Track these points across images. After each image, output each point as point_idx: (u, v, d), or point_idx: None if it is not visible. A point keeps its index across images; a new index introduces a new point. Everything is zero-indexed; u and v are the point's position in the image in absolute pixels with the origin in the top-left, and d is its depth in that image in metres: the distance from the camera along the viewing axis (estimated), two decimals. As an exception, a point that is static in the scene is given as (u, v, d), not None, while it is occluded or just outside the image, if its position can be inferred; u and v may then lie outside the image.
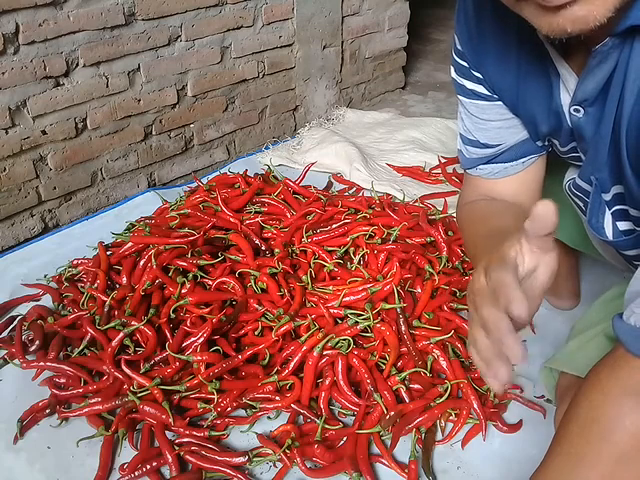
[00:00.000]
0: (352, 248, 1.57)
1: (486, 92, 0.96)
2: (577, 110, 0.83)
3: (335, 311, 1.37)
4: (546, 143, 0.99)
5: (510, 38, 0.87)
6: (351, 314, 1.34)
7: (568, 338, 1.26)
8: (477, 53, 0.94)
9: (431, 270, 1.48)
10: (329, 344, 1.27)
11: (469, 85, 0.98)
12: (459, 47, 0.96)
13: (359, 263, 1.52)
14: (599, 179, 0.84)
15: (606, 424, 0.72)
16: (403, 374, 1.25)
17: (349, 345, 1.28)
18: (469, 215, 1.05)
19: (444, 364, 1.27)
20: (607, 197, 0.85)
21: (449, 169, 2.08)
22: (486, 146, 1.01)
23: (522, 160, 1.01)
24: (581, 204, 0.99)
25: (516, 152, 1.01)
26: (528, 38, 0.84)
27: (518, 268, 0.63)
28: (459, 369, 1.27)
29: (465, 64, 0.96)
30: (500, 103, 0.97)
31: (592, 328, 1.12)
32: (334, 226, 1.62)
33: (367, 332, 1.33)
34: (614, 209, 0.86)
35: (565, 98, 0.85)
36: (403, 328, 1.30)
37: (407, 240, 1.58)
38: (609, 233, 0.87)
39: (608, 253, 1.12)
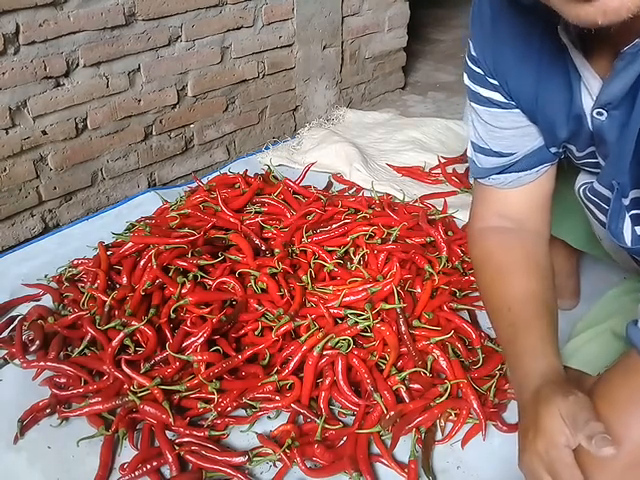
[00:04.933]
0: (352, 248, 1.57)
1: (502, 99, 0.94)
2: (600, 113, 0.81)
3: (335, 311, 1.37)
4: (560, 150, 0.97)
5: (530, 42, 0.86)
6: (351, 314, 1.34)
7: (571, 336, 1.26)
8: (494, 59, 0.92)
9: (431, 270, 1.48)
10: (329, 344, 1.27)
11: (484, 93, 0.95)
12: (473, 53, 0.94)
13: (359, 263, 1.53)
14: (621, 184, 0.83)
15: (614, 434, 0.72)
16: (403, 374, 1.25)
17: (349, 345, 1.28)
18: (485, 263, 1.02)
19: (444, 364, 1.27)
20: (626, 202, 0.84)
21: (449, 169, 2.08)
22: (499, 155, 0.99)
23: (536, 169, 0.99)
24: (594, 209, 0.98)
25: (530, 161, 0.99)
26: (549, 42, 0.82)
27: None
28: (459, 369, 1.27)
29: (480, 71, 0.94)
30: (516, 111, 0.95)
31: (597, 325, 1.11)
32: (334, 226, 1.62)
33: (367, 332, 1.33)
34: (632, 213, 0.85)
35: (587, 101, 0.84)
36: (403, 328, 1.30)
37: (407, 240, 1.58)
38: (628, 239, 0.86)
39: (620, 257, 1.11)
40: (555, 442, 0.74)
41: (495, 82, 0.93)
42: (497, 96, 0.94)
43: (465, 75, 0.98)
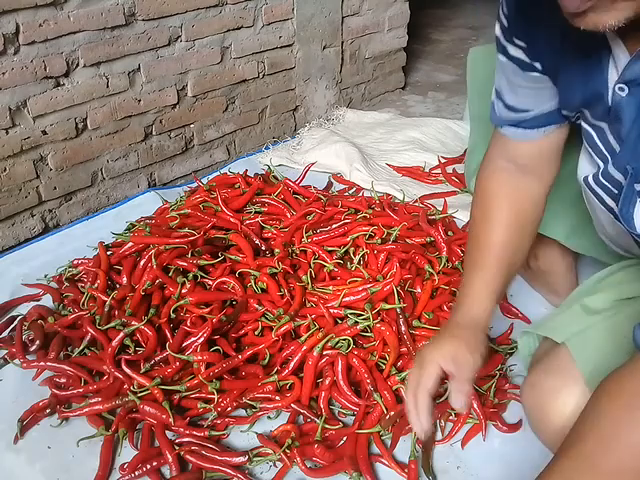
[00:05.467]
0: (352, 248, 1.57)
1: (525, 59, 0.97)
2: (622, 89, 0.82)
3: (335, 311, 1.37)
4: (572, 114, 1.00)
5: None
6: (351, 314, 1.34)
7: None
8: (524, 18, 0.94)
9: (431, 270, 1.48)
10: (329, 344, 1.27)
11: (509, 49, 0.99)
12: (505, 11, 0.97)
13: (359, 263, 1.52)
14: (635, 169, 0.84)
15: (610, 433, 0.72)
16: (403, 374, 1.25)
17: (349, 345, 1.28)
18: (478, 201, 1.14)
19: None
20: (638, 187, 0.85)
21: (449, 169, 2.08)
22: (512, 109, 1.04)
23: (544, 129, 1.04)
24: (603, 194, 0.99)
25: (540, 121, 1.03)
26: None
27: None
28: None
29: (507, 27, 0.98)
30: (536, 74, 0.98)
31: (571, 301, 1.14)
32: (334, 226, 1.62)
33: (367, 332, 1.33)
34: None
35: (612, 75, 0.85)
36: (403, 328, 1.30)
37: (407, 240, 1.58)
38: (638, 225, 0.87)
39: (622, 245, 1.11)
40: (433, 362, 0.98)
41: (521, 43, 0.96)
42: (521, 55, 0.97)
43: (497, 26, 1.01)
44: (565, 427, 0.89)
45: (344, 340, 1.29)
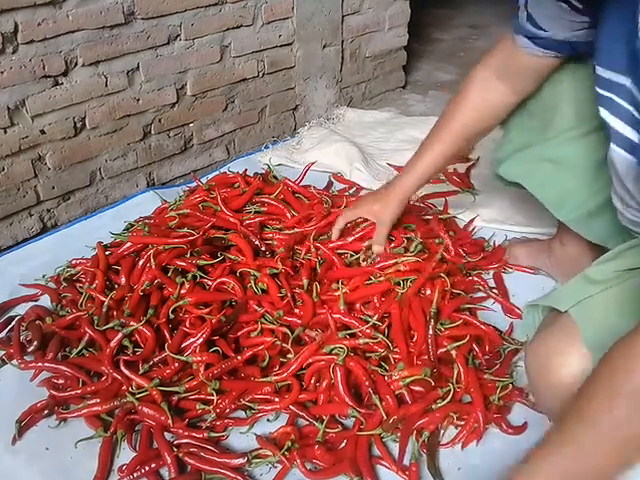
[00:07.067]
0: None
1: None
2: None
3: (345, 319, 1.34)
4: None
5: None
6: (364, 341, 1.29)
7: None
8: None
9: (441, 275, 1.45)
10: (324, 350, 1.26)
11: None
12: None
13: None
14: None
15: (616, 390, 0.73)
16: (407, 380, 1.23)
17: (346, 353, 1.25)
18: (459, 92, 1.36)
19: (455, 371, 1.25)
20: None
21: (449, 168, 2.07)
22: (534, 24, 1.12)
23: (548, 51, 1.15)
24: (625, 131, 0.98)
25: (549, 44, 1.14)
26: None
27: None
28: (468, 375, 1.25)
29: None
30: (561, 4, 1.04)
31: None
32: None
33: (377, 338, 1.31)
34: None
35: None
36: (430, 332, 1.28)
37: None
38: None
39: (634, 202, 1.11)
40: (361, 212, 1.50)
41: None
42: None
43: None
44: (565, 386, 0.93)
45: (340, 349, 1.25)
